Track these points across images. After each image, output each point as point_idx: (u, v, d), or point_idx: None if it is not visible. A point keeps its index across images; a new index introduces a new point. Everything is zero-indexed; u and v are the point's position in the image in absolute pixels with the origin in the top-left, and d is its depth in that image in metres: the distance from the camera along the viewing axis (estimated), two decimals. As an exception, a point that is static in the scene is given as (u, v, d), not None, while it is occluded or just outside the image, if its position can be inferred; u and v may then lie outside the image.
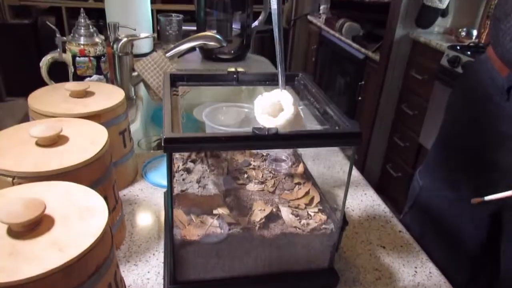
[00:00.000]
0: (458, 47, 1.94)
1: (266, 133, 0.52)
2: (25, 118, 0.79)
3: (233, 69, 0.74)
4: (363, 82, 2.63)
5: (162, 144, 0.50)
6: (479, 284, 1.05)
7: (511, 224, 0.90)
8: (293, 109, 0.57)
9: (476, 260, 1.01)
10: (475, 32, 2.19)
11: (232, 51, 1.77)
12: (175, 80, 0.72)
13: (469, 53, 1.85)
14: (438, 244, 0.94)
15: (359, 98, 2.69)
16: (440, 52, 2.01)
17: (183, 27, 1.86)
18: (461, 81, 1.04)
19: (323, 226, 0.64)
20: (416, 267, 0.73)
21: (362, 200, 0.91)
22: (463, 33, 2.19)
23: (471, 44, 2.01)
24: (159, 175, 0.93)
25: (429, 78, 2.08)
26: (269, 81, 0.75)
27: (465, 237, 0.98)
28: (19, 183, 0.55)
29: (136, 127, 1.16)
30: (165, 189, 0.88)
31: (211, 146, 0.53)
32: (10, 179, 0.56)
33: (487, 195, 0.83)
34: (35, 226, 0.46)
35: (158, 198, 0.86)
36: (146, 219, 0.81)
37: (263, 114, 0.59)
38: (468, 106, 0.94)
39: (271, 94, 0.62)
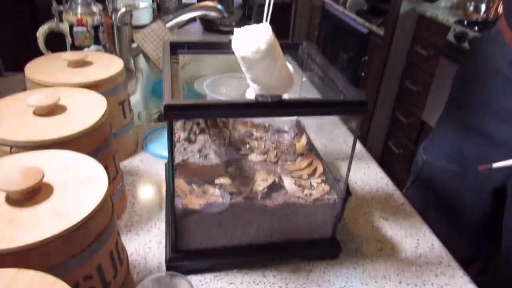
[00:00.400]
0: (465, 22, 1.89)
1: (269, 100, 0.50)
2: (25, 92, 0.77)
3: (235, 37, 0.72)
4: (366, 58, 2.59)
5: (162, 111, 0.49)
6: (479, 259, 1.06)
7: None
8: (269, 39, 0.56)
9: (477, 235, 1.01)
10: (483, 7, 2.13)
11: (234, 23, 1.73)
12: (175, 48, 0.70)
13: (476, 28, 1.81)
14: (439, 218, 0.94)
15: (362, 73, 2.65)
16: (446, 27, 1.96)
17: (183, 0, 1.82)
18: (469, 55, 1.01)
19: (326, 196, 0.64)
20: (418, 239, 0.73)
21: (365, 173, 0.91)
22: (471, 8, 2.13)
23: (478, 20, 1.96)
24: (160, 147, 0.92)
25: (434, 54, 2.04)
26: (272, 49, 0.73)
27: (467, 212, 0.97)
28: (17, 152, 0.54)
29: (136, 99, 1.14)
30: (165, 161, 0.87)
31: (213, 113, 0.52)
32: (7, 148, 0.55)
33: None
34: (34, 194, 0.45)
35: (159, 169, 0.86)
36: (147, 190, 0.80)
37: (238, 44, 0.58)
38: (476, 80, 0.92)
39: (251, 26, 0.60)
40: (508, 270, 0.91)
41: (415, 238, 0.73)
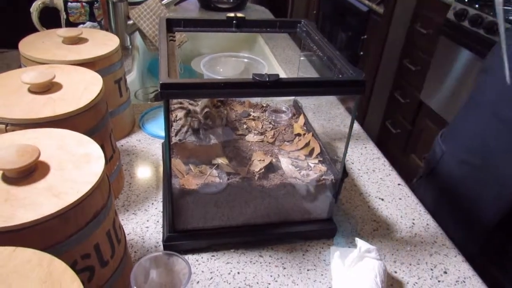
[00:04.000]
0: (466, 0, 1.86)
1: (267, 79, 0.50)
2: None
3: (232, 15, 0.71)
4: (365, 36, 2.56)
5: (159, 90, 0.48)
6: (488, 257, 1.02)
7: None
8: None
9: (490, 233, 0.97)
10: (484, -16, 2.09)
11: (231, 0, 1.70)
12: (172, 25, 0.69)
13: (477, 6, 1.78)
14: (452, 213, 0.91)
15: (361, 52, 2.62)
16: (447, 5, 1.93)
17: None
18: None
19: (323, 177, 0.64)
20: (413, 219, 0.73)
21: (362, 153, 0.91)
22: (472, -15, 2.09)
23: (479, -4, 1.93)
24: (157, 126, 0.91)
25: (434, 33, 2.02)
26: (270, 27, 0.72)
27: (482, 207, 0.93)
28: (12, 130, 0.54)
29: (132, 78, 1.13)
30: (162, 140, 0.87)
31: (210, 92, 0.51)
32: (3, 126, 0.55)
33: None
34: (30, 173, 0.45)
35: (156, 149, 0.85)
36: (144, 169, 0.80)
37: None
38: (504, 68, 0.87)
39: None
40: None
41: (411, 218, 0.74)
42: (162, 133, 0.88)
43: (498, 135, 0.86)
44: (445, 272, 0.63)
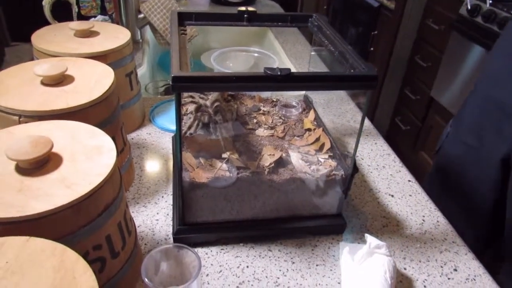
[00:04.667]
0: (479, -5, 1.83)
1: (278, 73, 0.49)
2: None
3: (243, 9, 0.70)
4: (376, 32, 2.53)
5: (170, 83, 0.48)
6: (485, 242, 1.04)
7: None
8: None
9: (487, 218, 0.99)
10: (498, -21, 2.06)
11: (242, -5, 1.70)
12: (183, 18, 0.69)
13: (490, 1, 1.76)
14: (453, 198, 0.94)
15: (371, 48, 2.60)
16: (459, 0, 1.91)
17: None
18: (505, 37, 0.97)
19: (333, 172, 0.63)
20: (424, 216, 0.73)
21: (372, 149, 0.90)
22: (485, -20, 2.06)
23: (493, -8, 1.90)
24: (167, 120, 0.91)
25: (446, 29, 2.00)
26: (281, 21, 0.72)
27: (480, 193, 0.96)
28: (26, 122, 0.55)
29: (143, 72, 1.13)
30: (172, 134, 0.87)
31: (221, 86, 0.51)
32: (16, 117, 0.55)
33: None
34: (43, 164, 0.45)
35: (166, 142, 0.86)
36: (155, 162, 0.81)
37: None
38: (508, 53, 0.90)
39: None
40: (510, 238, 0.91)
41: (421, 215, 0.73)
42: (172, 127, 0.88)
43: (490, 116, 0.89)
44: (455, 270, 0.63)
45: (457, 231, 0.71)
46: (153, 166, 0.80)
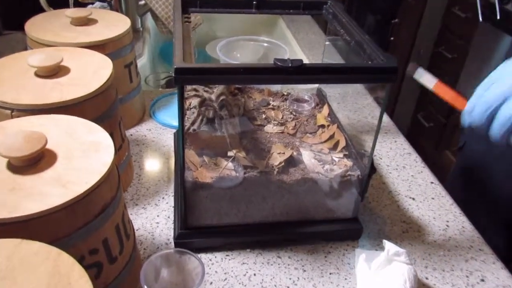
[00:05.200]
0: (511, -21, 1.81)
1: (290, 65, 0.49)
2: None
3: (252, -5, 0.70)
4: (396, 20, 2.52)
5: (173, 75, 0.49)
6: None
7: None
8: None
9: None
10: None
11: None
12: (187, 5, 0.69)
13: (523, -14, 1.74)
14: (476, 198, 0.94)
15: (391, 38, 2.59)
16: (489, -14, 1.89)
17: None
18: None
19: (348, 172, 0.63)
20: (448, 221, 0.72)
21: (392, 148, 0.90)
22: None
23: (526, -24, 1.88)
24: (169, 115, 0.92)
25: (473, 16, 1.98)
26: (293, 9, 0.72)
27: (507, 189, 0.96)
28: (18, 116, 0.55)
29: (143, 62, 1.14)
30: (174, 130, 0.87)
31: (228, 78, 0.51)
32: (8, 111, 0.56)
33: None
34: (36, 161, 0.46)
35: (168, 139, 0.86)
36: (155, 161, 0.81)
37: None
38: None
39: None
40: None
41: (444, 220, 0.73)
42: (174, 122, 0.89)
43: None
44: (482, 280, 0.63)
45: (484, 238, 0.70)
46: (154, 165, 0.80)
